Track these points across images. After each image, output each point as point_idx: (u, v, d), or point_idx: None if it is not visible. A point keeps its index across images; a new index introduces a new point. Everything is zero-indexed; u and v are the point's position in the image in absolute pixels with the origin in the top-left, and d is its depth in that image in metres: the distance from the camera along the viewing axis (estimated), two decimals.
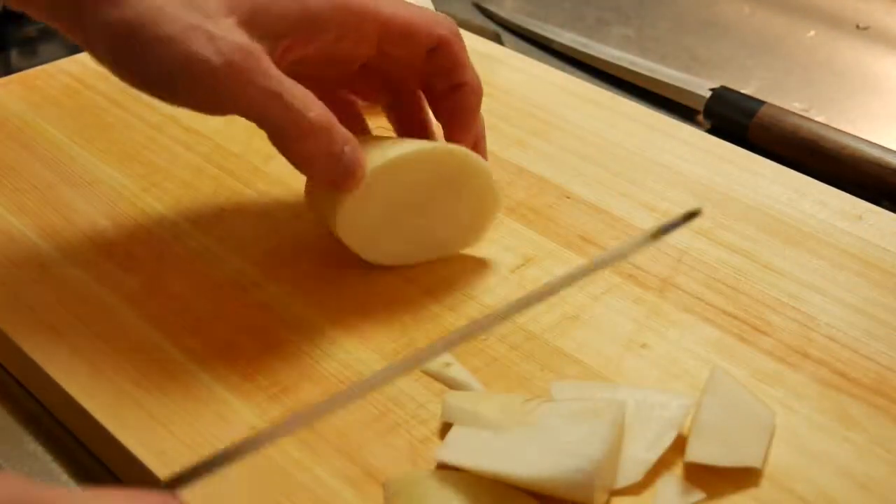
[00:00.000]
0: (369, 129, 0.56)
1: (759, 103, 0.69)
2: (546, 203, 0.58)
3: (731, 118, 0.70)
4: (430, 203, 0.50)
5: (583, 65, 0.79)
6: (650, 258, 0.54)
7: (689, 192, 0.59)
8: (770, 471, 0.42)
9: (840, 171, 0.64)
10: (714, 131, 0.70)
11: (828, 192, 0.60)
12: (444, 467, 0.41)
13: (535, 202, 0.58)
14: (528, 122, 0.65)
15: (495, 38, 0.82)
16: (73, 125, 0.63)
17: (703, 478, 0.41)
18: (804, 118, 0.67)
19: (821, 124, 0.67)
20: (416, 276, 0.52)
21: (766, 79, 0.79)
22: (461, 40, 0.50)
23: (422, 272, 0.52)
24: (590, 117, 0.66)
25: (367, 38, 0.48)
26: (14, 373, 0.49)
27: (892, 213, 0.58)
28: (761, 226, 0.57)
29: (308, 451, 0.42)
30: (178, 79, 0.44)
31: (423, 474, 0.41)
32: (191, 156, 0.60)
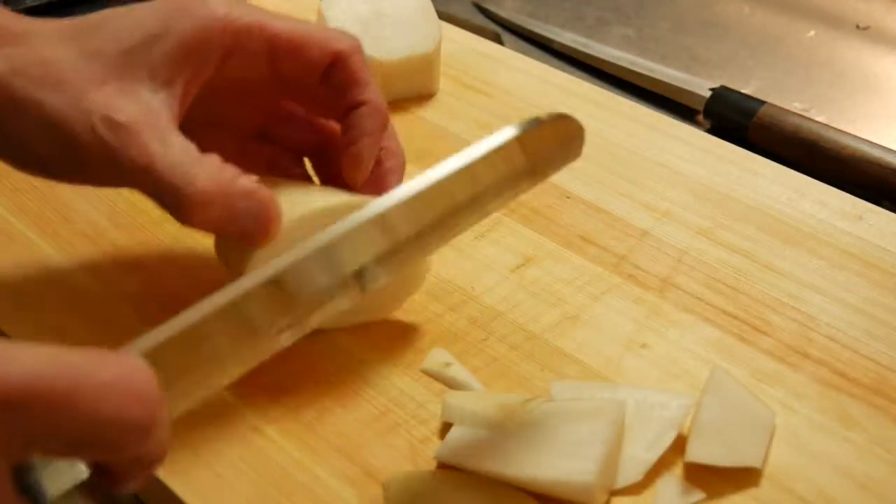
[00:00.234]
0: (306, 172, 0.51)
1: (759, 103, 0.69)
2: (546, 203, 0.58)
3: (731, 118, 0.70)
4: None
5: (583, 65, 0.79)
6: (650, 258, 0.54)
7: (689, 192, 0.59)
8: (770, 471, 0.42)
9: (840, 171, 0.64)
10: (714, 131, 0.70)
11: (828, 192, 0.60)
12: (444, 467, 0.41)
13: (535, 202, 0.58)
14: None
15: (495, 38, 0.82)
16: None
17: (703, 478, 0.41)
18: (804, 118, 0.67)
19: (821, 124, 0.67)
20: None
21: (766, 79, 0.79)
22: (361, 57, 0.45)
23: None
24: (590, 117, 0.66)
25: (254, 55, 0.44)
26: None
27: (892, 213, 0.58)
28: (761, 226, 0.57)
29: (308, 451, 0.42)
30: (52, 159, 0.42)
31: (423, 474, 0.41)
32: None
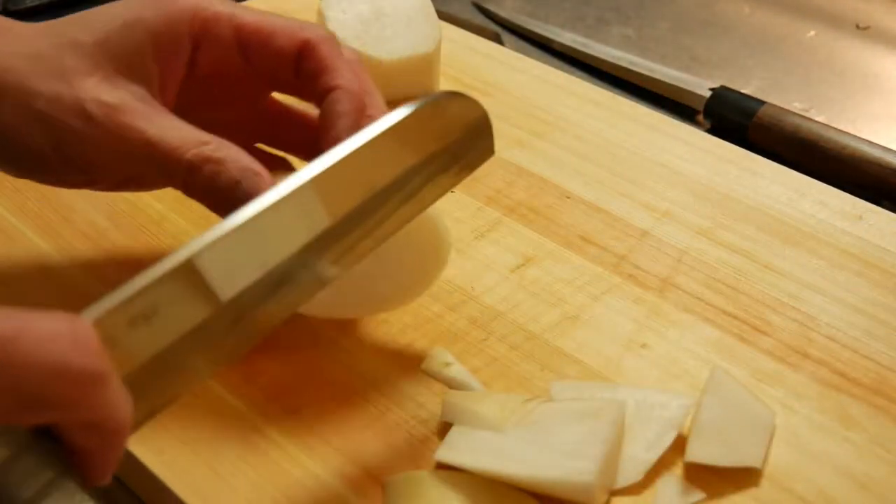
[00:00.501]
0: None
1: (759, 103, 0.69)
2: (546, 203, 0.58)
3: (731, 118, 0.70)
4: (371, 257, 0.43)
5: (583, 65, 0.79)
6: (650, 258, 0.54)
7: (689, 192, 0.59)
8: (770, 471, 0.42)
9: (840, 171, 0.64)
10: (714, 131, 0.70)
11: (828, 192, 0.60)
12: (444, 467, 0.41)
13: (535, 202, 0.58)
14: (528, 122, 0.65)
15: (495, 38, 0.82)
16: None
17: (703, 478, 0.41)
18: (804, 118, 0.67)
19: (821, 124, 0.67)
20: None
21: (766, 79, 0.79)
22: (332, 45, 0.44)
23: None
24: (590, 117, 0.66)
25: (224, 45, 0.44)
26: None
27: (892, 213, 0.58)
28: (761, 226, 0.57)
29: (308, 451, 0.42)
30: (62, 157, 0.42)
31: (423, 474, 0.41)
32: None
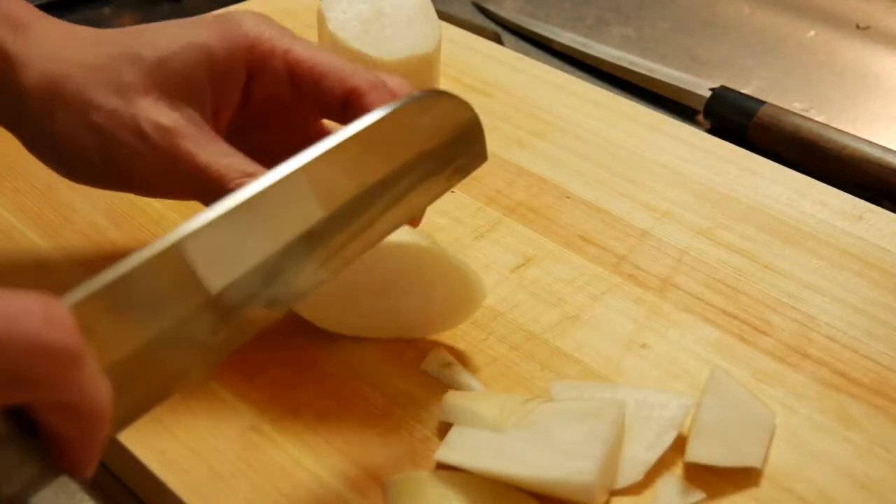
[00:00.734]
0: None
1: (759, 103, 0.69)
2: (546, 203, 0.58)
3: (731, 118, 0.70)
4: (395, 289, 0.46)
5: (583, 65, 0.79)
6: (650, 258, 0.54)
7: (689, 192, 0.59)
8: (770, 471, 0.42)
9: (840, 171, 0.64)
10: (714, 131, 0.70)
11: (828, 192, 0.60)
12: (444, 467, 0.41)
13: (535, 202, 0.58)
14: (528, 122, 0.65)
15: (495, 38, 0.82)
16: None
17: (703, 478, 0.41)
18: (804, 118, 0.67)
19: (821, 124, 0.67)
20: None
21: (766, 79, 0.79)
22: (379, 93, 0.44)
23: None
24: (590, 117, 0.66)
25: (277, 76, 0.45)
26: None
27: (892, 213, 0.58)
28: (761, 226, 0.57)
29: (308, 451, 0.42)
30: (110, 167, 0.43)
31: (423, 474, 0.41)
32: None
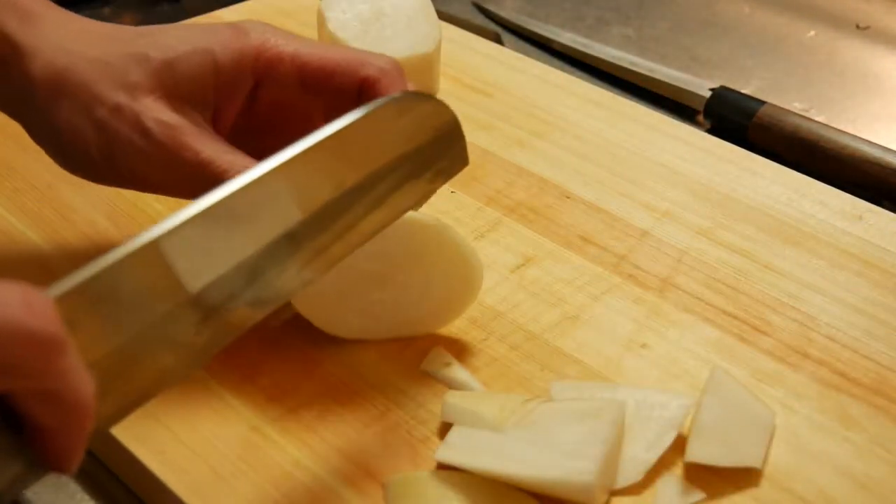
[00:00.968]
0: None
1: (759, 103, 0.69)
2: (546, 203, 0.58)
3: (731, 118, 0.70)
4: (396, 275, 0.46)
5: (583, 65, 0.79)
6: (650, 258, 0.54)
7: (689, 192, 0.59)
8: (770, 471, 0.42)
9: (840, 171, 0.64)
10: (714, 131, 0.70)
11: (828, 192, 0.60)
12: (444, 467, 0.41)
13: (535, 202, 0.58)
14: (528, 122, 0.65)
15: (495, 38, 0.82)
16: None
17: (703, 478, 0.41)
18: (804, 118, 0.67)
19: (821, 124, 0.67)
20: None
21: (766, 79, 0.79)
22: (393, 78, 0.44)
23: None
24: (590, 117, 0.66)
25: (285, 81, 0.45)
26: None
27: (892, 213, 0.58)
28: (761, 226, 0.57)
29: (308, 451, 0.42)
30: (110, 162, 0.43)
31: (423, 474, 0.41)
32: None
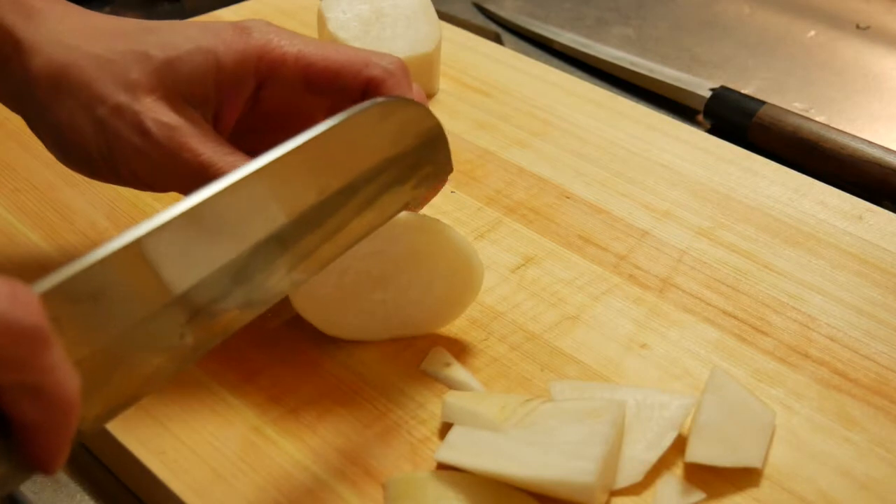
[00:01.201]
0: None
1: (759, 103, 0.69)
2: (546, 203, 0.58)
3: (731, 118, 0.70)
4: (397, 275, 0.46)
5: (583, 65, 0.79)
6: (650, 258, 0.54)
7: (689, 192, 0.59)
8: (770, 471, 0.42)
9: (840, 171, 0.64)
10: (714, 131, 0.70)
11: (828, 192, 0.60)
12: (444, 467, 0.41)
13: (535, 202, 0.58)
14: (528, 122, 0.65)
15: (495, 38, 0.82)
16: None
17: (703, 478, 0.41)
18: (804, 118, 0.67)
19: (821, 124, 0.67)
20: None
21: (766, 79, 0.79)
22: (398, 80, 0.44)
23: None
24: (590, 117, 0.66)
25: (289, 83, 0.44)
26: None
27: (892, 213, 0.58)
28: (761, 226, 0.57)
29: (308, 451, 0.42)
30: (109, 160, 0.43)
31: (423, 474, 0.41)
32: None
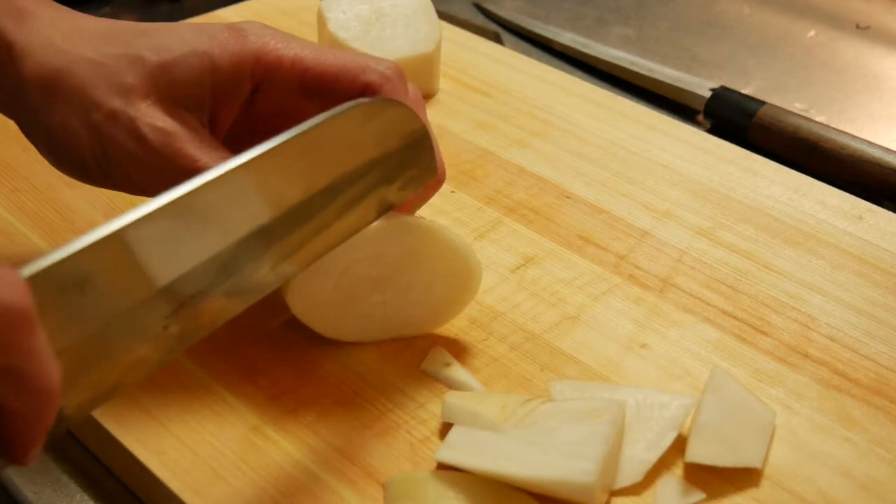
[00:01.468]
0: None
1: (759, 103, 0.69)
2: (546, 203, 0.58)
3: (731, 118, 0.70)
4: (395, 279, 0.46)
5: (583, 65, 0.79)
6: (650, 258, 0.54)
7: (689, 192, 0.59)
8: (770, 471, 0.42)
9: (840, 171, 0.64)
10: (714, 131, 0.70)
11: (828, 192, 0.60)
12: (444, 467, 0.41)
13: (535, 202, 0.58)
14: (528, 122, 0.65)
15: (495, 38, 0.82)
16: None
17: (703, 478, 0.41)
18: (804, 118, 0.67)
19: (821, 124, 0.67)
20: None
21: (766, 79, 0.79)
22: (395, 86, 0.44)
23: None
24: (590, 117, 0.66)
25: (285, 86, 0.44)
26: None
27: (892, 213, 0.58)
28: (761, 226, 0.57)
29: (308, 451, 0.42)
30: (103, 165, 0.43)
31: (423, 474, 0.41)
32: None
